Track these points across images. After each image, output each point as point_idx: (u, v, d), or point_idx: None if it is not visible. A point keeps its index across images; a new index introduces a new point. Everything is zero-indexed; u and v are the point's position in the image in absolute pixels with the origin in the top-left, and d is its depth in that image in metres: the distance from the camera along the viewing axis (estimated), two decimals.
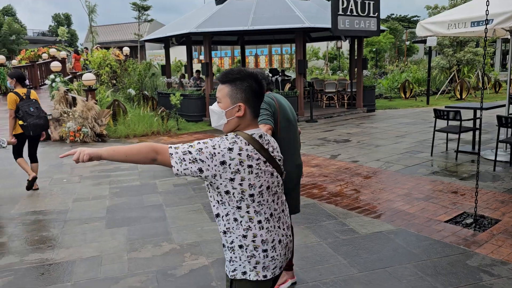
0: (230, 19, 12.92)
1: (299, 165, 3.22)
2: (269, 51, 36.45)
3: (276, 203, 1.95)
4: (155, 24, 37.68)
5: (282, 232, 1.96)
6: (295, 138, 3.19)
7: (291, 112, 3.16)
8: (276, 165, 1.91)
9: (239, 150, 1.78)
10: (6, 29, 40.93)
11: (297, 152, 3.21)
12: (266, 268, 1.89)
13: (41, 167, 7.63)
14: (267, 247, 1.88)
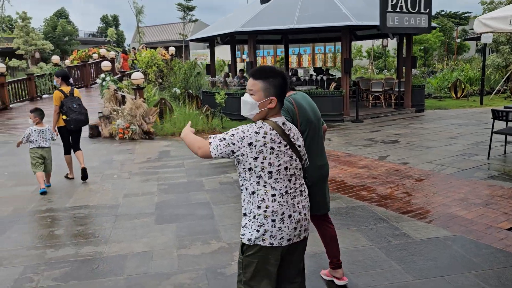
0: (275, 18, 12.86)
1: (322, 166, 3.18)
2: (312, 50, 36.02)
3: (293, 183, 2.24)
4: (199, 24, 38.28)
5: (294, 208, 2.23)
6: (318, 138, 3.14)
7: (313, 112, 3.11)
8: (295, 150, 2.24)
9: (264, 134, 2.15)
10: (59, 30, 42.96)
11: (319, 153, 3.16)
12: (273, 237, 2.19)
13: (92, 163, 7.91)
14: (276, 218, 2.17)
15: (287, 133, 2.22)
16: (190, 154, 8.51)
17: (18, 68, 29.60)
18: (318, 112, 3.19)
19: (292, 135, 2.25)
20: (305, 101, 3.12)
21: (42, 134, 6.25)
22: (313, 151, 3.07)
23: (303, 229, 2.30)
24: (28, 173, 7.29)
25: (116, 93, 11.86)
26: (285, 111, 2.92)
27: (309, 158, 2.87)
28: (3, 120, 13.52)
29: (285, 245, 2.23)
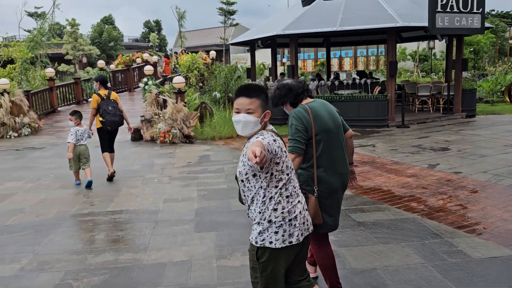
0: (317, 20, 12.60)
1: (344, 174, 3.08)
2: (354, 52, 35.33)
3: (289, 183, 2.36)
4: (240, 28, 38.49)
5: (299, 205, 2.39)
6: (338, 146, 3.06)
7: (332, 119, 3.03)
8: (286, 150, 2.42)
9: (275, 140, 2.28)
10: (105, 36, 44.51)
11: (341, 160, 3.07)
12: (291, 235, 2.32)
13: (133, 166, 7.97)
14: (291, 217, 2.32)
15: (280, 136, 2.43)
16: (230, 159, 8.40)
17: (66, 72, 30.85)
18: (338, 119, 3.11)
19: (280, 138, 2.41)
20: (324, 108, 3.05)
21: (83, 133, 6.82)
22: (333, 159, 3.00)
23: (309, 222, 2.46)
24: (72, 176, 7.43)
25: (157, 97, 11.99)
26: (299, 119, 2.91)
27: (330, 166, 2.97)
28: (51, 122, 14.02)
29: (301, 240, 2.36)
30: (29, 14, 30.44)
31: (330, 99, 12.07)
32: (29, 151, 10.11)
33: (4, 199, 6.21)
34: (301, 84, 3.16)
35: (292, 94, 3.09)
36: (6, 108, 12.09)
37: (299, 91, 3.10)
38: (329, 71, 19.25)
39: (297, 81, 3.23)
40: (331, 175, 2.97)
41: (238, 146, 9.81)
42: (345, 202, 5.47)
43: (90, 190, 6.51)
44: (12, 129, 12.14)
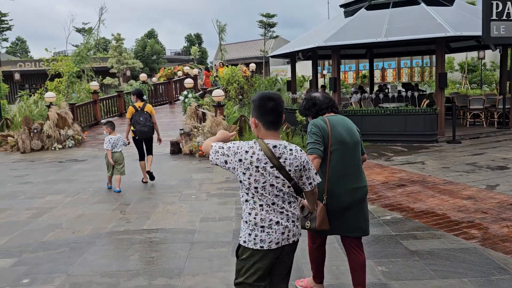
0: (360, 31, 12.17)
1: (355, 189, 3.15)
2: (397, 64, 34.34)
3: (280, 198, 2.38)
4: (280, 40, 38.44)
5: (282, 216, 2.39)
6: (352, 161, 3.16)
7: (349, 134, 3.14)
8: (284, 172, 2.35)
9: (252, 154, 2.32)
10: (148, 50, 45.77)
11: (353, 176, 3.15)
12: (262, 241, 2.36)
13: (171, 181, 7.83)
14: (264, 224, 2.36)
15: (277, 156, 2.35)
16: None
17: (111, 85, 31.82)
18: (356, 136, 3.21)
19: (282, 159, 2.35)
20: (342, 124, 3.17)
21: (117, 141, 7.33)
22: (345, 173, 3.11)
23: (291, 234, 2.45)
24: (111, 190, 7.35)
25: (197, 110, 11.93)
26: (317, 127, 3.08)
27: (340, 180, 3.07)
28: (94, 135, 14.29)
29: (274, 248, 2.39)
30: (77, 30, 31.82)
31: (375, 113, 11.57)
32: (72, 163, 10.26)
33: (44, 212, 6.19)
34: (327, 100, 3.28)
35: (315, 109, 3.27)
36: (53, 121, 12.41)
37: (322, 107, 3.25)
38: (372, 83, 18.65)
39: (325, 96, 3.33)
40: (344, 189, 3.10)
41: None
42: (395, 227, 5.02)
43: (126, 207, 6.39)
44: (57, 141, 12.43)
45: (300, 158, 2.39)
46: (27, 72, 36.44)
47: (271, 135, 2.40)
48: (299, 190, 2.47)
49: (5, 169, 9.86)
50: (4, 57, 40.12)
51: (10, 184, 8.21)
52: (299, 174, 2.42)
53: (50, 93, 12.91)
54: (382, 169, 8.28)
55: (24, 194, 7.39)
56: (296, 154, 2.39)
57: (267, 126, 2.39)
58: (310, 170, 2.46)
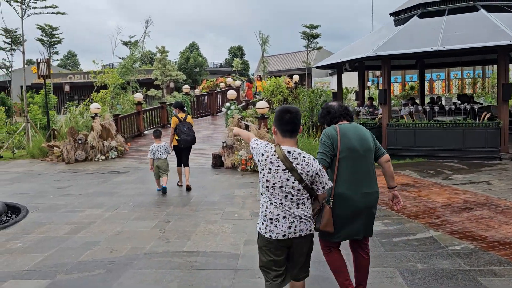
0: (413, 40, 11.44)
1: (367, 194, 3.27)
2: (446, 75, 32.84)
3: (289, 199, 2.77)
4: (323, 52, 37.82)
5: (290, 212, 2.77)
6: (363, 168, 3.26)
7: (360, 141, 3.28)
8: (296, 174, 2.73)
9: (266, 157, 2.78)
10: (191, 62, 46.44)
11: (363, 182, 3.26)
12: (271, 231, 2.79)
13: (213, 197, 7.45)
14: (272, 217, 2.79)
15: (290, 160, 2.72)
16: None
17: (154, 97, 32.33)
18: (368, 143, 3.32)
19: (295, 163, 2.73)
20: (354, 131, 3.31)
21: (160, 148, 7.98)
22: (356, 178, 3.24)
23: (298, 229, 2.79)
24: (151, 205, 7.07)
25: (240, 122, 11.59)
26: (327, 136, 3.27)
27: (351, 185, 3.21)
28: (136, 146, 14.28)
29: (281, 239, 2.76)
30: (124, 43, 32.54)
31: (429, 127, 10.76)
32: (113, 175, 10.15)
33: (83, 228, 5.96)
34: (341, 109, 3.44)
35: (329, 117, 3.45)
36: (97, 132, 12.47)
37: (335, 115, 3.42)
38: (423, 95, 17.68)
39: (340, 105, 3.49)
40: (353, 194, 3.22)
41: None
42: (469, 260, 4.34)
43: (166, 224, 6.05)
44: (100, 152, 12.46)
45: (313, 166, 2.76)
46: (76, 84, 37.82)
47: (287, 142, 2.83)
48: (312, 192, 2.84)
49: (49, 180, 9.88)
50: (55, 69, 41.96)
51: (52, 196, 8.12)
52: (312, 180, 2.79)
53: (95, 104, 13.02)
54: (442, 189, 7.52)
55: (65, 207, 7.25)
56: (309, 161, 2.76)
57: (283, 134, 2.84)
58: (323, 176, 2.82)
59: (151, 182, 9.11)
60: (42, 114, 16.55)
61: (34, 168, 11.74)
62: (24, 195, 8.22)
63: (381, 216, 5.98)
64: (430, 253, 4.60)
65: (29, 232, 5.84)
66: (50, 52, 30.26)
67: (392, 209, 6.23)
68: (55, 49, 30.64)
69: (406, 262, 4.39)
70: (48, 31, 29.34)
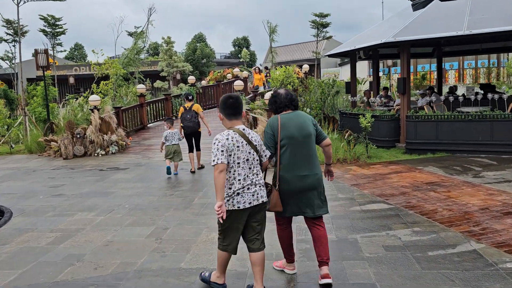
0: (433, 25, 10.51)
1: (304, 176, 3.61)
2: (460, 64, 31.68)
3: (252, 170, 3.39)
4: (332, 42, 36.77)
5: (252, 182, 3.36)
6: (302, 153, 3.61)
7: (299, 129, 3.62)
8: (253, 146, 3.38)
9: (232, 138, 3.31)
10: (199, 53, 45.57)
11: (303, 165, 3.61)
12: (238, 202, 3.32)
13: None
14: (240, 191, 3.32)
15: (247, 135, 3.37)
16: (338, 193, 6.74)
17: (160, 89, 31.62)
18: (307, 130, 3.64)
19: (250, 137, 3.39)
20: (294, 120, 3.65)
21: (173, 135, 8.65)
22: (295, 163, 3.61)
23: (259, 196, 3.40)
24: (149, 207, 6.34)
25: (247, 114, 10.80)
26: (269, 126, 3.66)
27: (291, 169, 3.61)
28: (139, 140, 13.56)
29: (248, 207, 3.34)
30: (129, 34, 31.81)
31: (453, 118, 9.88)
32: (112, 172, 9.44)
33: (68, 237, 5.24)
34: (288, 98, 3.70)
35: (276, 105, 3.74)
36: (96, 125, 11.77)
37: (281, 105, 3.70)
38: (441, 84, 16.70)
39: (287, 93, 3.74)
40: (293, 176, 3.59)
41: (340, 174, 8.13)
42: None
43: (164, 232, 5.31)
44: (100, 147, 11.77)
45: (258, 137, 3.43)
46: (81, 76, 37.20)
47: (235, 123, 3.39)
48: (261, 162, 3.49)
49: (43, 177, 9.20)
50: (61, 62, 41.41)
51: (42, 196, 7.44)
52: (260, 149, 3.45)
53: (95, 96, 12.29)
54: (475, 188, 6.69)
55: (53, 209, 6.54)
56: (255, 134, 3.44)
57: (229, 117, 3.43)
58: (263, 145, 3.53)
59: (151, 180, 8.40)
60: (42, 107, 15.88)
61: (29, 164, 11.09)
62: (12, 196, 7.54)
63: (410, 223, 5.19)
64: (477, 272, 3.80)
65: (7, 242, 5.14)
66: (54, 43, 29.60)
67: (411, 209, 5.44)
68: (58, 40, 29.96)
69: (449, 285, 3.60)
70: (50, 22, 28.69)
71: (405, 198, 6.33)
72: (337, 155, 9.50)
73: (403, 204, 6.02)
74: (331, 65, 44.56)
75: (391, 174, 8.04)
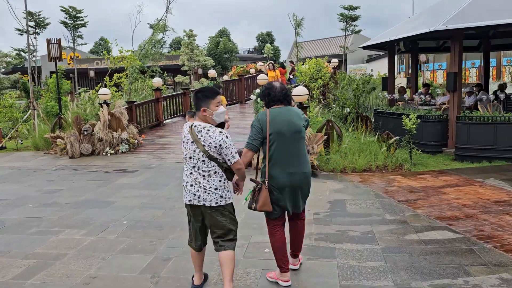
0: (492, 10, 9.00)
1: (292, 173, 3.46)
2: (498, 61, 29.57)
3: (196, 169, 3.20)
4: (360, 37, 35.06)
5: (195, 182, 3.21)
6: (290, 149, 3.46)
7: (287, 125, 3.45)
8: (200, 145, 3.15)
9: (183, 133, 3.30)
10: (221, 47, 44.51)
11: (292, 162, 3.46)
12: (184, 196, 3.30)
13: None
14: (185, 184, 3.27)
15: (196, 133, 3.16)
16: (378, 211, 5.40)
17: (181, 83, 30.68)
18: (296, 126, 3.49)
19: (199, 136, 3.16)
20: (284, 116, 3.47)
21: None
22: (283, 159, 3.45)
23: (201, 198, 3.19)
24: (152, 225, 5.15)
25: None
26: (257, 120, 3.50)
27: (280, 166, 3.44)
28: (153, 138, 12.46)
29: (188, 203, 3.26)
30: (151, 26, 30.97)
31: None
32: (118, 175, 8.35)
33: (43, 268, 4.10)
34: (281, 94, 3.54)
35: (269, 98, 3.59)
36: (104, 122, 10.71)
37: (274, 99, 3.55)
38: (487, 82, 15.01)
39: (281, 88, 3.58)
40: (281, 173, 3.44)
41: (383, 186, 6.78)
42: None
43: (163, 264, 4.12)
44: (109, 145, 10.72)
45: (216, 138, 3.12)
46: (102, 70, 36.61)
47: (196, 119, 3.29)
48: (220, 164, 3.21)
49: (41, 180, 8.18)
50: (83, 55, 41.06)
51: (32, 205, 6.37)
52: (218, 151, 3.15)
53: (105, 89, 11.22)
54: None
55: (38, 224, 5.45)
56: (212, 134, 3.14)
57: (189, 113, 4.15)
58: (228, 148, 3.15)
59: (160, 186, 7.27)
60: (55, 100, 15.01)
61: (32, 163, 10.12)
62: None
63: (493, 264, 3.84)
64: None
65: None
66: (74, 35, 29.02)
67: (488, 241, 4.07)
68: (79, 32, 29.34)
69: None
70: (72, 13, 28.07)
71: (474, 224, 4.95)
72: (376, 161, 8.13)
73: (474, 233, 4.65)
74: (358, 61, 42.78)
75: (445, 188, 6.63)
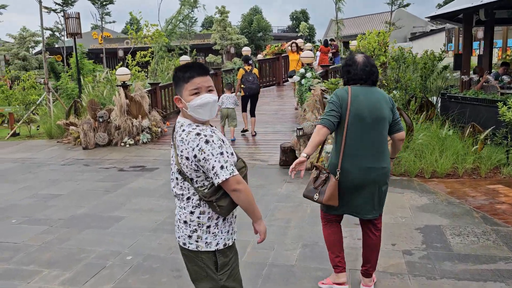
0: None
1: (370, 168, 2.81)
2: None
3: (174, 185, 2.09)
4: (403, 13, 32.22)
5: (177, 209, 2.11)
6: (369, 138, 2.80)
7: (370, 109, 2.78)
8: (175, 153, 2.03)
9: None
10: (255, 26, 42.40)
11: (371, 154, 2.82)
12: None
13: (282, 249, 3.72)
14: None
15: (176, 136, 2.02)
16: (508, 250, 3.54)
17: (213, 63, 29.00)
18: (379, 113, 2.79)
19: (177, 136, 2.01)
20: (367, 97, 2.80)
21: (229, 99, 8.42)
22: (359, 151, 2.81)
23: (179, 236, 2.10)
24: (167, 263, 3.48)
25: (323, 96, 7.70)
26: (336, 96, 2.82)
27: (354, 158, 2.80)
28: None
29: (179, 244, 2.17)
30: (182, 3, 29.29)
31: None
32: (134, 174, 6.79)
33: None
34: (365, 72, 2.82)
35: (348, 76, 2.90)
36: (121, 107, 9.17)
37: (355, 77, 2.86)
38: None
39: (365, 65, 2.83)
40: (354, 167, 2.81)
41: (486, 202, 4.88)
42: None
43: None
44: (128, 134, 9.20)
45: (188, 143, 1.93)
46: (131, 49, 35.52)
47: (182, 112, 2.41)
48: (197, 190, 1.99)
49: (42, 179, 6.74)
50: (114, 34, 40.05)
51: (15, 220, 4.88)
52: (193, 166, 1.95)
53: (123, 69, 9.62)
54: None
55: (10, 257, 3.92)
56: (185, 137, 1.95)
57: None
58: (208, 161, 1.90)
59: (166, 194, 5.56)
60: (76, 82, 13.65)
61: (39, 154, 8.74)
62: None
63: None
64: None
65: None
66: (102, 12, 27.77)
67: None
68: (107, 9, 28.03)
69: None
70: None
71: None
72: (464, 164, 6.18)
73: None
74: (400, 39, 39.75)
75: None
